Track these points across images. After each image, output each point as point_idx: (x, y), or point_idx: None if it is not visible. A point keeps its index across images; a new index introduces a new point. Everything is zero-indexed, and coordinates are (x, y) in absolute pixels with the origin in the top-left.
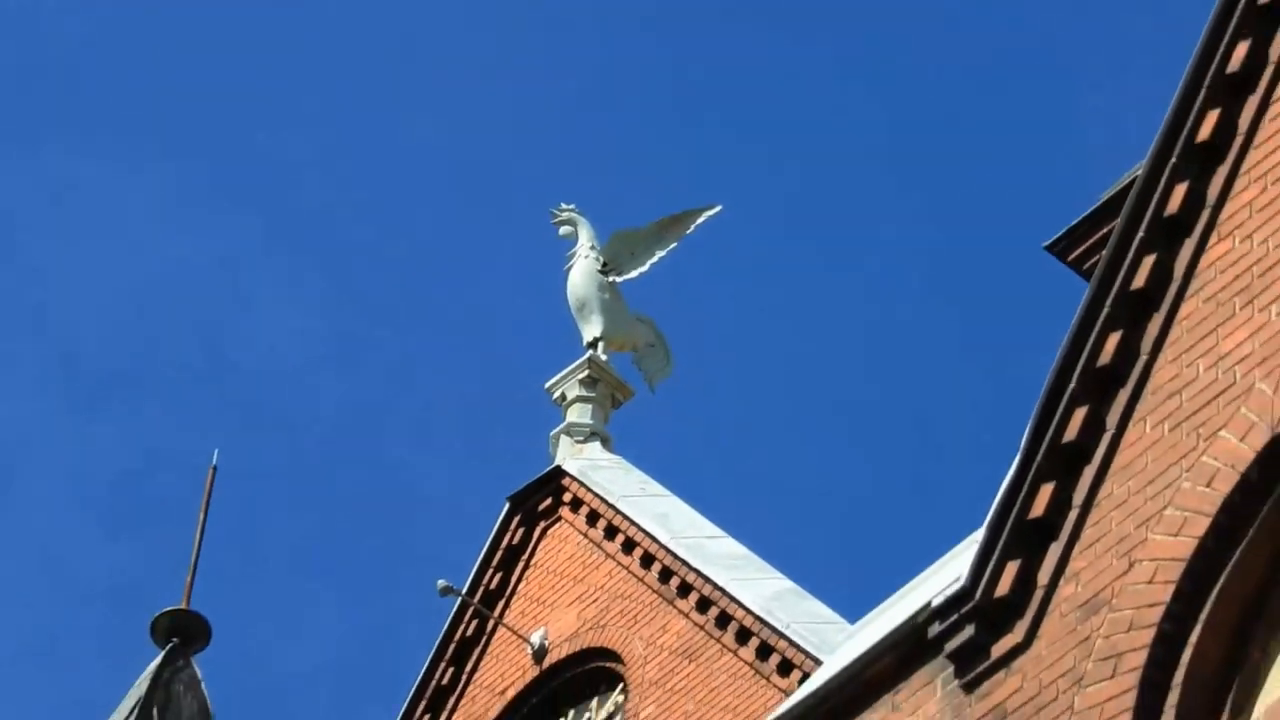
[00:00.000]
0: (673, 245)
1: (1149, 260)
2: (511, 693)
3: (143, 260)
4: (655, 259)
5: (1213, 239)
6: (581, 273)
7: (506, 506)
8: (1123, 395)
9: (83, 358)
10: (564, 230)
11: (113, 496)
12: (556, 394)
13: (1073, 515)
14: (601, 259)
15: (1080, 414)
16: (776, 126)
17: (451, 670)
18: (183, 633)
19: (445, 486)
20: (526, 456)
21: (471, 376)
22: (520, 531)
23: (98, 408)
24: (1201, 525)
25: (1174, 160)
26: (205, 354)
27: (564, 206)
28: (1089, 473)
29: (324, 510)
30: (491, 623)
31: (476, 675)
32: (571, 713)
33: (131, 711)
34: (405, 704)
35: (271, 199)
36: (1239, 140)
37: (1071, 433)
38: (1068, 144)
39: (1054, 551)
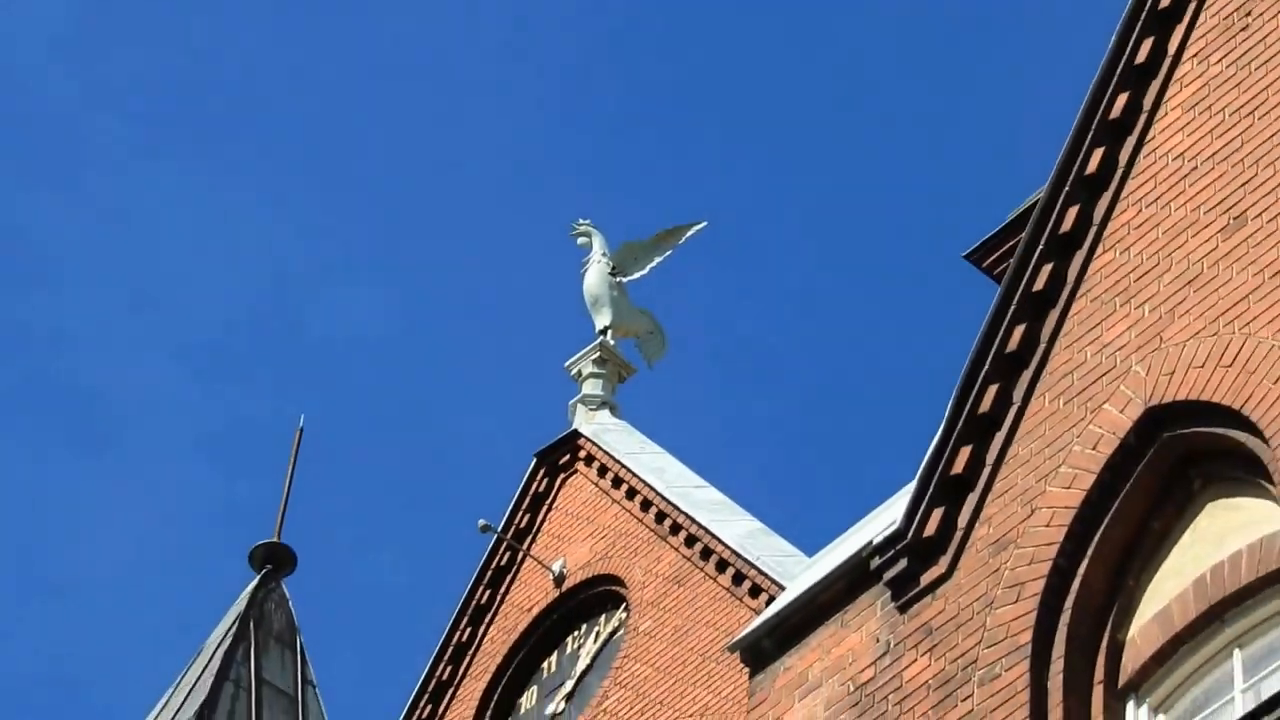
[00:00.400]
0: (668, 253)
1: (1047, 268)
2: (536, 610)
3: (243, 259)
4: (654, 264)
5: (1099, 251)
6: (595, 274)
7: (534, 461)
8: (1026, 375)
9: (200, 336)
10: (581, 240)
11: (222, 450)
12: (574, 371)
13: (986, 471)
14: (611, 263)
15: (992, 390)
16: (754, 153)
17: (488, 592)
18: (274, 560)
19: (484, 444)
20: (550, 421)
21: (508, 356)
22: (545, 481)
23: (213, 376)
24: (1088, 480)
25: (1068, 188)
26: (292, 334)
27: (581, 222)
28: (999, 438)
29: (387, 462)
30: (521, 554)
31: (508, 596)
32: (584, 626)
33: (232, 624)
34: (451, 619)
35: (354, 216)
36: (1119, 172)
37: (985, 405)
38: (983, 170)
39: (971, 500)
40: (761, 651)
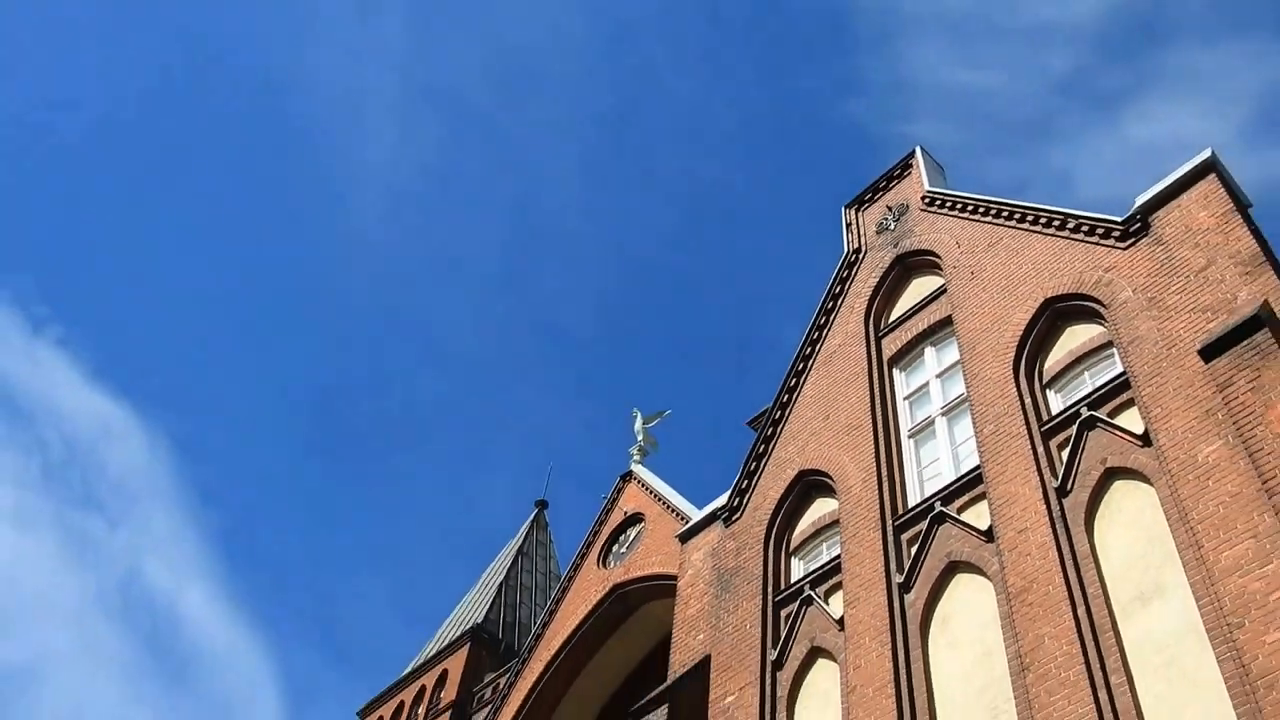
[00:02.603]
0: (657, 420)
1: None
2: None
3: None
4: (654, 423)
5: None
6: (639, 423)
7: (619, 478)
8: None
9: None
10: (633, 415)
11: (531, 466)
12: (631, 451)
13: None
14: (642, 419)
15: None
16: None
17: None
18: (540, 505)
19: (604, 469)
20: (624, 465)
21: (615, 446)
22: (621, 484)
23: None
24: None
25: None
26: None
27: (635, 410)
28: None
29: (574, 484)
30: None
31: (609, 518)
32: (634, 525)
33: (528, 525)
34: (584, 542)
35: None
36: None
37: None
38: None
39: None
40: (686, 536)
